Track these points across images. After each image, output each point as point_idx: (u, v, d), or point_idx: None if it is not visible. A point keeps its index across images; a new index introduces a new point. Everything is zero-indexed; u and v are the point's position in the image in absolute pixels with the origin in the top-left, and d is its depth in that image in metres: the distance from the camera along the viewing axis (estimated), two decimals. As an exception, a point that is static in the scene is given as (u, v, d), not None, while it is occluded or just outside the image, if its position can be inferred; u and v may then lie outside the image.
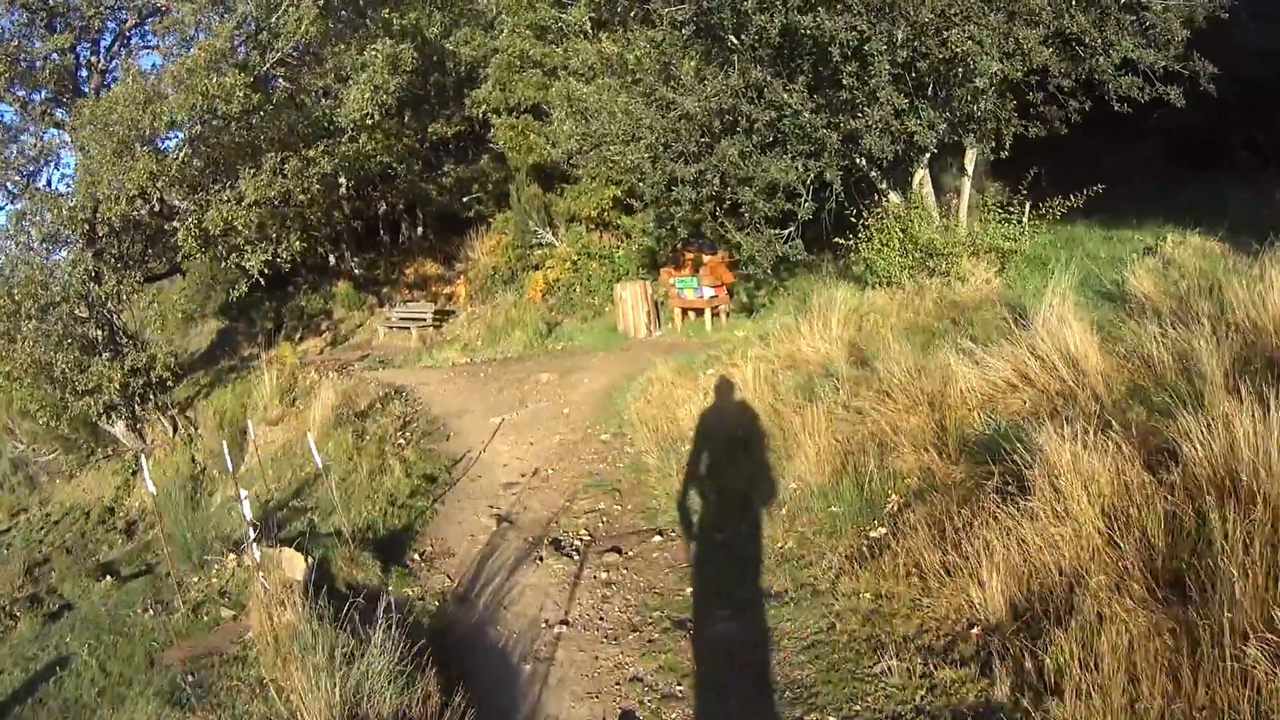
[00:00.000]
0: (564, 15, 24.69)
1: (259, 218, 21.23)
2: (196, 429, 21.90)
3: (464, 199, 32.82)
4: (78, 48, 22.15)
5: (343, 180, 30.23)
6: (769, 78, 14.77)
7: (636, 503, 11.37)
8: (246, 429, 17.29)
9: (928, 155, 16.58)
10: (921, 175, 16.83)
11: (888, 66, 13.64)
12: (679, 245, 21.62)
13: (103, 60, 22.75)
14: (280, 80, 24.79)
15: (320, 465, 11.71)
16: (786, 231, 16.10)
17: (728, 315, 21.06)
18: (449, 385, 19.63)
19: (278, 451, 16.98)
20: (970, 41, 13.32)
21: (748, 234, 16.18)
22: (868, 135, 14.44)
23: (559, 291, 26.13)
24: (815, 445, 9.99)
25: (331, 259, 34.06)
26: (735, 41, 15.13)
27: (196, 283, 33.17)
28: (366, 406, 17.85)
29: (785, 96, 14.54)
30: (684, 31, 16.20)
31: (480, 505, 12.03)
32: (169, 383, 22.11)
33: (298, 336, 31.54)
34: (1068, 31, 13.84)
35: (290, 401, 20.39)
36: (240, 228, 20.77)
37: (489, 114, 26.63)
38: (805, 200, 15.68)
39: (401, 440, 15.50)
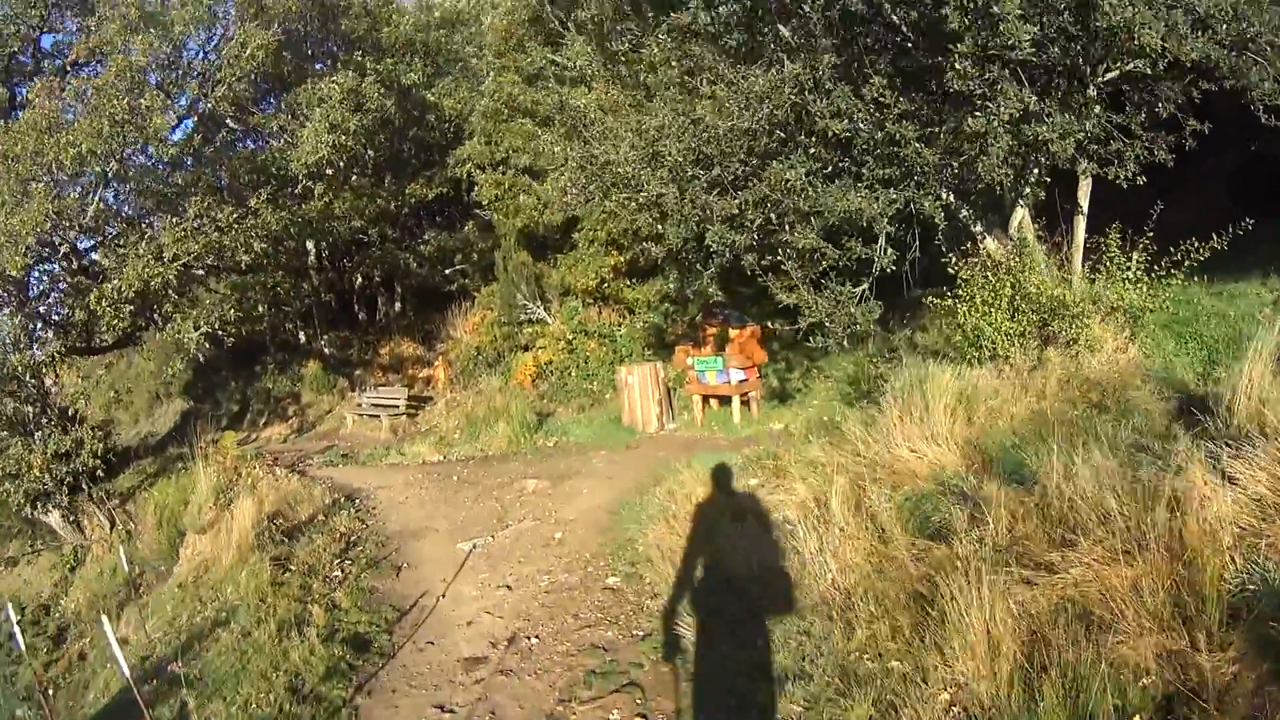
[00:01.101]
0: (557, 57, 20.88)
1: (183, 279, 17.98)
2: (135, 526, 18.50)
3: (446, 271, 29.20)
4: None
5: (310, 246, 27.54)
6: (836, 73, 10.60)
7: (668, 713, 6.92)
8: (185, 532, 15.11)
9: (1028, 187, 12.51)
10: (1022, 215, 12.83)
11: (1028, 38, 9.36)
12: (697, 318, 17.47)
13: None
14: (228, 121, 21.11)
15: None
16: (860, 289, 11.78)
17: (759, 404, 17.10)
18: (414, 490, 15.67)
19: (197, 571, 13.25)
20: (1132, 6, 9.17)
21: (810, 292, 11.82)
22: (983, 149, 10.18)
23: (551, 376, 22.15)
24: (979, 623, 5.94)
25: (302, 336, 30.90)
26: (787, 33, 10.98)
27: (160, 357, 29.19)
28: (307, 518, 14.14)
29: (861, 99, 10.37)
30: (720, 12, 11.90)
31: (423, 703, 7.65)
32: (99, 472, 18.58)
33: (262, 422, 28.13)
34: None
35: (226, 503, 16.20)
36: (159, 289, 17.28)
37: (474, 171, 23.02)
38: (883, 245, 11.49)
39: (338, 572, 11.51)
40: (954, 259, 12.11)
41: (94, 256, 18.30)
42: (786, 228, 11.30)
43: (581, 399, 20.85)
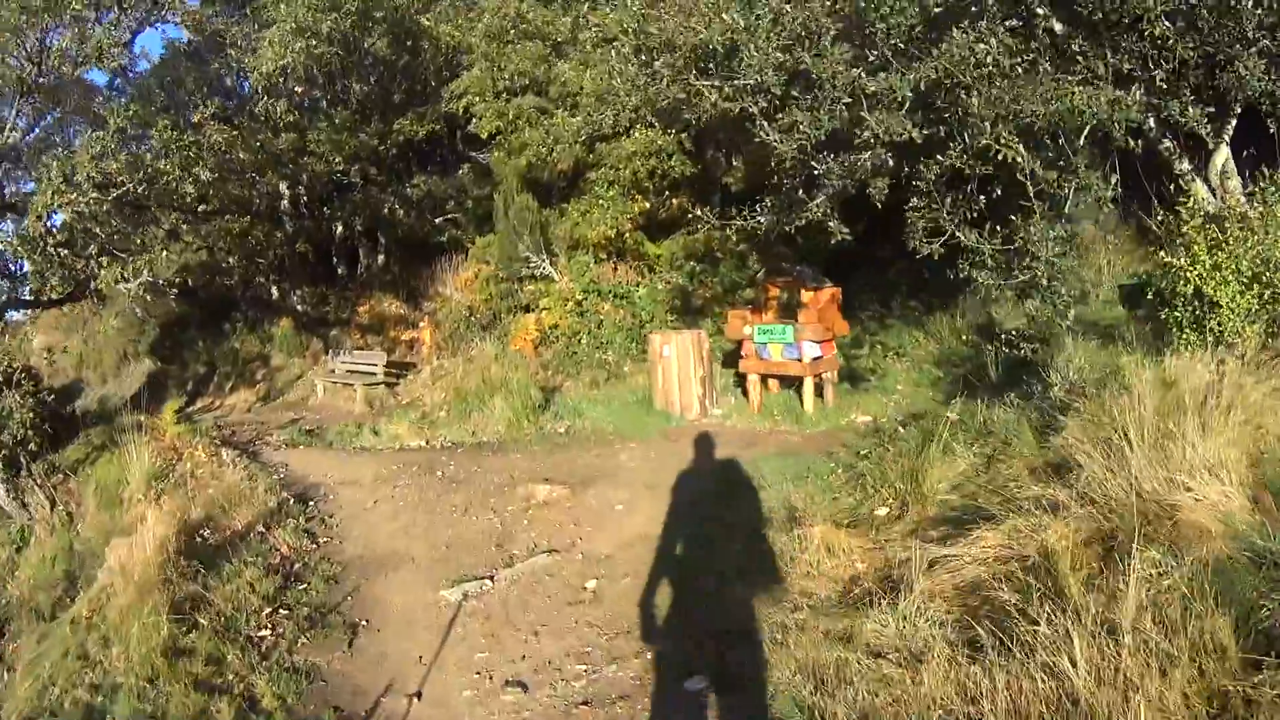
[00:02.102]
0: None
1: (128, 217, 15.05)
2: (77, 506, 15.01)
3: (436, 220, 24.85)
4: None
5: (284, 189, 23.62)
6: None
7: None
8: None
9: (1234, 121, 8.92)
10: (1225, 157, 9.31)
11: None
12: (758, 275, 13.79)
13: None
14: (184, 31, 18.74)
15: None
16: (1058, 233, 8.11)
17: (834, 388, 13.52)
18: (387, 490, 11.67)
19: (98, 601, 9.33)
20: None
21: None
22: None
23: (557, 343, 18.39)
24: None
25: (275, 292, 26.83)
26: None
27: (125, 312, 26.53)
28: (244, 528, 10.23)
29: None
30: None
31: None
32: (33, 444, 15.31)
33: (228, 386, 24.29)
34: None
35: (157, 496, 12.37)
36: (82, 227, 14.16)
37: (473, 101, 18.91)
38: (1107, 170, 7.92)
39: (266, 630, 7.77)
40: (1158, 209, 8.46)
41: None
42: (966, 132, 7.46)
43: (595, 371, 17.20)
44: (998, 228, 8.11)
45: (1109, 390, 7.29)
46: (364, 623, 7.68)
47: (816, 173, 8.30)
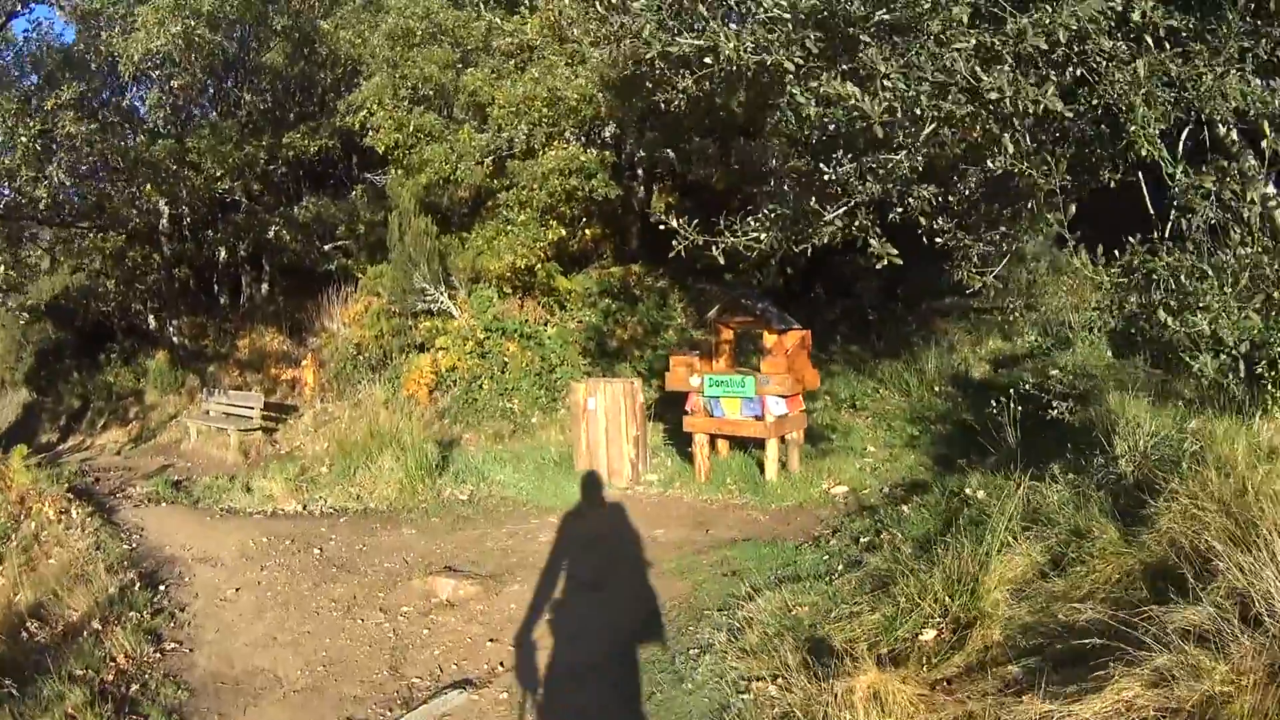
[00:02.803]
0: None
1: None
2: None
3: (325, 247, 22.33)
4: None
5: (164, 207, 21.52)
6: None
7: None
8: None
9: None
10: None
11: None
12: (709, 316, 11.54)
13: None
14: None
15: None
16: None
17: (800, 451, 11.17)
18: (254, 573, 9.15)
19: None
20: None
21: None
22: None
23: (456, 387, 16.05)
24: None
25: (152, 321, 24.29)
26: None
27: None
28: (78, 620, 8.05)
29: None
30: None
31: None
32: None
33: (100, 424, 22.36)
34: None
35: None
36: None
37: (373, 109, 16.43)
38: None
39: None
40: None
41: None
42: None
43: (498, 422, 14.97)
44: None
45: (1206, 464, 5.60)
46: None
47: (834, 175, 6.08)
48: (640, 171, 18.63)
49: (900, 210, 6.68)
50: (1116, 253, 5.74)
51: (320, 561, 9.27)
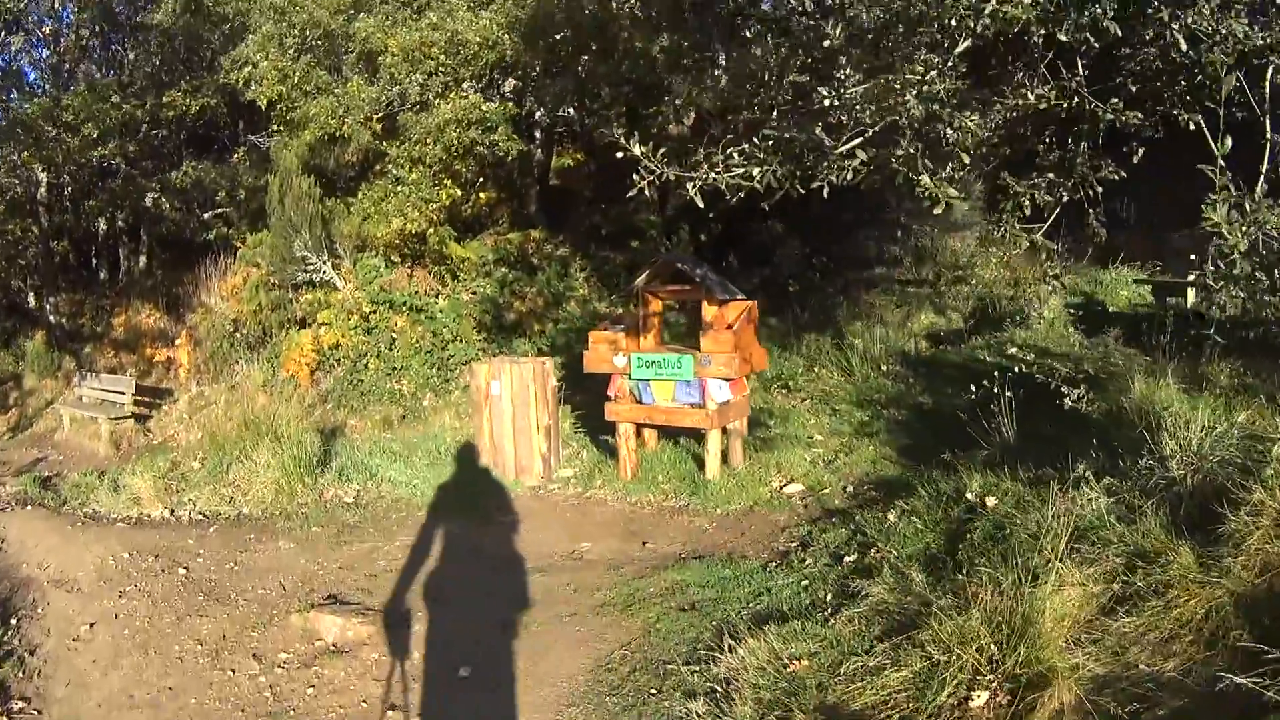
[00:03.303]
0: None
1: None
2: None
3: (205, 215, 20.50)
4: None
5: (42, 176, 19.63)
6: None
7: None
8: None
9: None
10: None
11: None
12: (637, 283, 9.86)
13: None
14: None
15: None
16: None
17: (744, 443, 9.53)
18: (109, 602, 7.33)
19: None
20: None
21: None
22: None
23: (340, 366, 14.42)
24: None
25: (32, 298, 22.09)
26: None
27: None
28: None
29: None
30: None
31: None
32: None
33: None
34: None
35: None
36: None
37: (258, 62, 14.60)
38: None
39: None
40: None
41: None
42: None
43: (386, 407, 13.46)
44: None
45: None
46: None
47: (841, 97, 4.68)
48: (539, 134, 17.28)
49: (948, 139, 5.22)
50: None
51: (186, 586, 7.52)
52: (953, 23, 4.44)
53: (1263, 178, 4.79)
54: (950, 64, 4.61)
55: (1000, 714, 3.95)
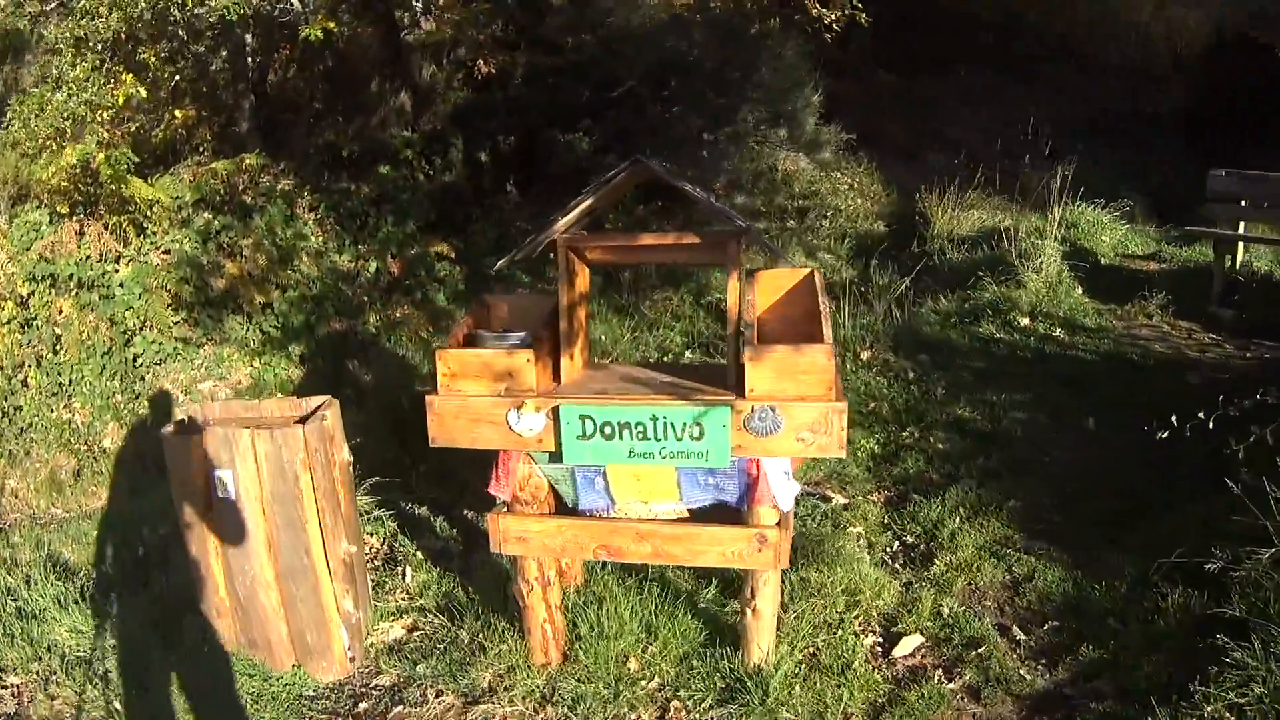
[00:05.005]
0: None
1: None
2: None
3: None
4: None
5: None
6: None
7: None
8: None
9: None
10: None
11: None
12: (570, 226, 4.00)
13: None
14: None
15: None
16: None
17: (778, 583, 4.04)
18: None
19: None
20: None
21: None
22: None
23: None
24: None
25: None
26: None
27: None
28: None
29: None
30: None
31: None
32: None
33: None
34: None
35: None
36: None
37: None
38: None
39: None
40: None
41: None
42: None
43: (55, 454, 8.23)
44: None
45: None
46: None
47: None
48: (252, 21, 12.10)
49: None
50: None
51: None
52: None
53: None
54: None
55: None
